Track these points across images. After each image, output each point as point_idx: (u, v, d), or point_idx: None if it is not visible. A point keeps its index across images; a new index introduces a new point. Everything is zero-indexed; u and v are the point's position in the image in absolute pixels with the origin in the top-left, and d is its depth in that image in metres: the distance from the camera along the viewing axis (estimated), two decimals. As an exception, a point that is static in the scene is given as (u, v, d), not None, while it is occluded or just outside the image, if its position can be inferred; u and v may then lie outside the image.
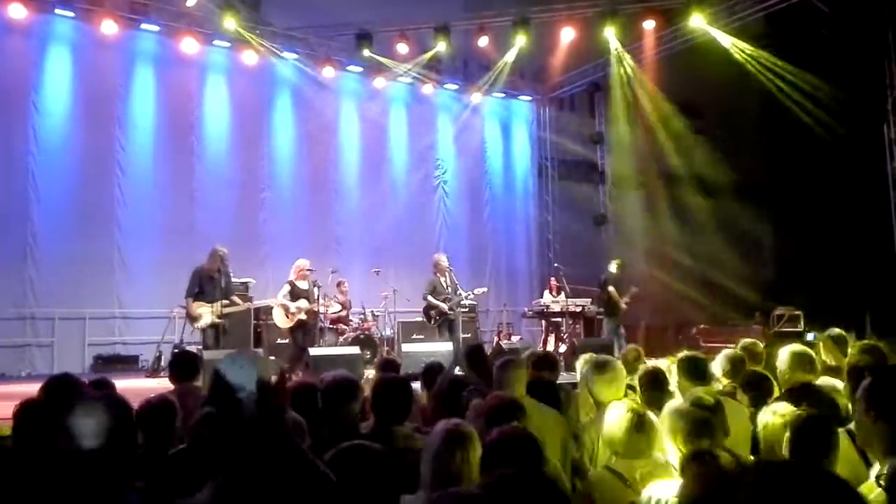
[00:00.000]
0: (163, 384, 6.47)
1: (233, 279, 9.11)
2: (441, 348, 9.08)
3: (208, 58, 12.23)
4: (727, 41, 12.23)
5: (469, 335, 10.96)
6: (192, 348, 7.72)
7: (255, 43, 11.93)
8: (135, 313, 11.15)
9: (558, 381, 5.10)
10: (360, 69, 13.40)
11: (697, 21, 11.94)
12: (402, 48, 12.51)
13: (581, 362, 5.12)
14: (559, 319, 11.68)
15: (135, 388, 6.36)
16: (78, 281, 10.71)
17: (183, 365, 4.98)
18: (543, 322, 11.98)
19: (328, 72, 12.81)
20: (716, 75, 12.82)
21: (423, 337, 10.48)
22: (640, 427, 3.12)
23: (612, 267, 11.62)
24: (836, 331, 6.16)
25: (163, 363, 8.97)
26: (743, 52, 12.30)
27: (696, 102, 14.71)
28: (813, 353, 4.76)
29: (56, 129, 10.88)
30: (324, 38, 12.76)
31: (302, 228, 12.72)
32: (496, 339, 12.45)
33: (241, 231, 11.99)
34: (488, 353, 6.32)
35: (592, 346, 7.82)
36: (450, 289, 10.23)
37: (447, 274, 10.33)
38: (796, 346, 4.77)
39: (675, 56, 13.06)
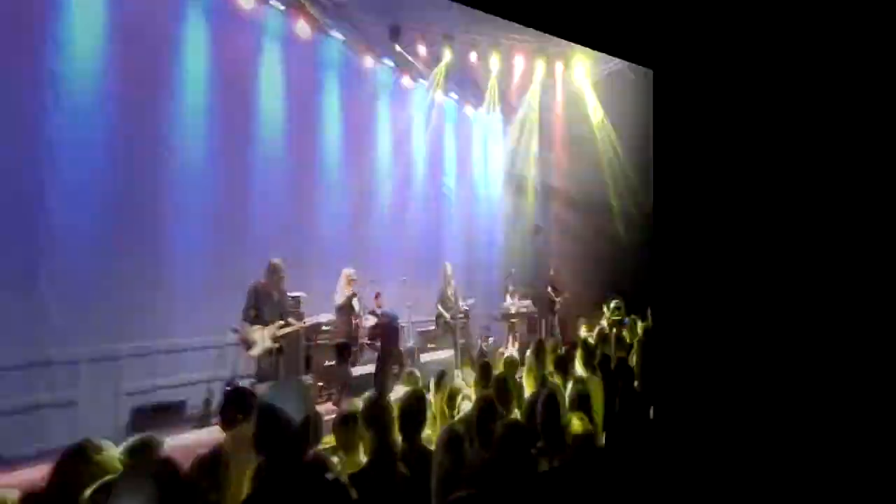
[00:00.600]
0: (214, 435, 5.29)
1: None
2: (444, 356, 9.91)
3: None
4: (589, 94, 13.75)
5: (463, 340, 11.88)
6: (245, 383, 6.71)
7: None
8: (178, 345, 8.13)
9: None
10: (391, 64, 12.57)
11: (578, 71, 13.41)
12: (422, 50, 12.21)
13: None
14: (515, 321, 13.04)
15: (182, 446, 5.23)
16: (106, 311, 7.38)
17: (235, 406, 4.14)
18: (506, 324, 13.21)
19: (368, 62, 11.99)
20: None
21: (434, 346, 11.09)
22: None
23: (552, 271, 13.89)
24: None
25: (213, 407, 7.37)
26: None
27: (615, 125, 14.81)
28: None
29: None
30: (366, 25, 11.47)
31: (342, 236, 11.18)
32: (480, 341, 12.64)
33: (293, 238, 9.98)
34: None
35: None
36: (453, 297, 11.39)
37: (451, 283, 11.47)
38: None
39: (604, 82, 13.63)
